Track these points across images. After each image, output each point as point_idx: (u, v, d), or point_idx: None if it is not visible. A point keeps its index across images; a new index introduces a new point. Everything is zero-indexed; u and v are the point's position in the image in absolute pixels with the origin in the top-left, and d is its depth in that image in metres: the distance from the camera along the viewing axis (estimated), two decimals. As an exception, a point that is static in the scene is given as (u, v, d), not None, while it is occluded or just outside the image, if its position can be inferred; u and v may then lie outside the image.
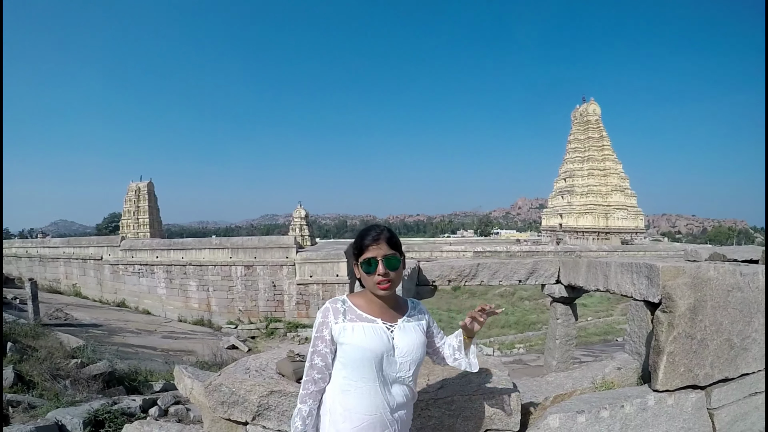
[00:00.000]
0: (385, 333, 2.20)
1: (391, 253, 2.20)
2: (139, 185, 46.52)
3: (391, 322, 2.26)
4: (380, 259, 2.17)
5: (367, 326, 2.19)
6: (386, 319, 2.26)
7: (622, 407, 3.22)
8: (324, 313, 2.24)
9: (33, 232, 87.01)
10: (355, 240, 2.30)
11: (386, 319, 2.26)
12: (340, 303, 2.27)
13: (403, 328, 2.26)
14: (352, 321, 2.21)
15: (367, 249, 2.20)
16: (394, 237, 2.28)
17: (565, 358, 6.29)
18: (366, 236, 2.24)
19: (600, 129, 46.13)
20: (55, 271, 34.60)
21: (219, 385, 3.13)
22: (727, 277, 3.43)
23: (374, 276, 2.18)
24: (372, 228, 2.29)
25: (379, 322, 2.22)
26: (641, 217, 46.92)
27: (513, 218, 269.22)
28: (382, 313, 2.27)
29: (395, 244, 2.25)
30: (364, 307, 2.27)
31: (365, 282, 2.25)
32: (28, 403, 6.14)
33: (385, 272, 2.17)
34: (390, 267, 2.19)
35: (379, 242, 2.20)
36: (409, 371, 2.25)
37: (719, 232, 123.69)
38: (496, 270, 5.90)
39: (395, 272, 2.21)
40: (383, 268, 2.17)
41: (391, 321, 2.27)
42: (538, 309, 26.36)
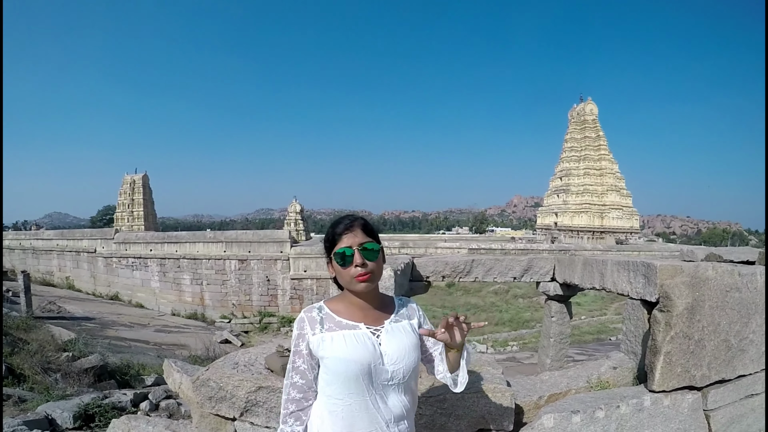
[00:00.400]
0: (370, 339, 1.95)
1: (367, 241, 1.96)
2: (133, 178, 46.43)
3: (376, 326, 2.01)
4: (356, 248, 1.93)
5: (348, 334, 1.94)
6: (370, 323, 2.01)
7: (617, 408, 3.17)
8: (299, 324, 2.00)
9: (27, 224, 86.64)
10: (326, 233, 2.06)
11: (370, 322, 2.01)
12: (316, 311, 2.02)
13: (390, 330, 2.01)
14: (331, 330, 1.95)
15: (340, 239, 1.96)
16: (369, 225, 2.05)
17: (560, 356, 6.26)
18: (338, 225, 2.01)
19: (597, 128, 46.14)
20: (49, 263, 34.49)
21: (206, 380, 3.07)
22: (725, 277, 3.38)
23: (350, 268, 1.92)
24: (344, 217, 2.06)
25: (362, 327, 1.98)
26: (636, 218, 46.98)
27: (508, 216, 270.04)
28: (364, 317, 2.01)
29: (371, 232, 2.02)
30: (343, 313, 2.01)
31: (341, 279, 1.99)
32: (18, 397, 6.10)
33: (362, 261, 1.91)
34: (368, 257, 1.94)
35: (353, 229, 1.97)
36: (403, 379, 1.99)
37: (713, 233, 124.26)
38: (490, 266, 5.86)
39: (374, 263, 1.96)
40: (360, 258, 1.92)
41: (376, 324, 2.02)
42: (532, 307, 26.35)
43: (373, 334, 1.97)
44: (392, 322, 2.05)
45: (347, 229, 1.97)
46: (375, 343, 1.94)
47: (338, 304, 2.04)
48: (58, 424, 5.33)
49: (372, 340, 1.95)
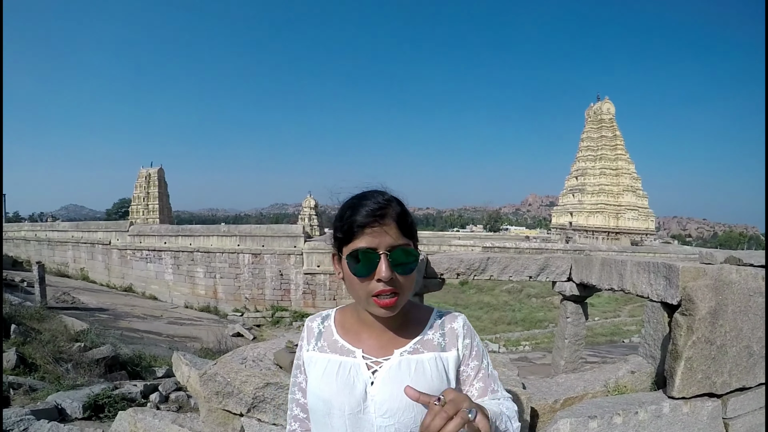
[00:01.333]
0: (360, 375, 1.35)
1: (402, 244, 1.27)
2: (149, 171, 46.76)
3: (380, 356, 1.38)
4: (383, 253, 1.24)
5: (334, 362, 1.39)
6: (372, 350, 1.39)
7: (636, 414, 3.09)
8: (302, 333, 1.54)
9: (43, 215, 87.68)
10: (338, 215, 1.35)
11: (372, 349, 1.39)
12: (319, 320, 1.52)
13: (396, 366, 1.35)
14: (322, 350, 1.44)
15: (360, 234, 1.26)
16: (407, 214, 1.34)
17: (574, 358, 6.16)
18: (359, 209, 1.28)
19: (613, 128, 45.79)
20: (64, 254, 34.80)
21: (214, 375, 3.03)
22: (749, 280, 3.29)
23: (369, 282, 1.26)
24: (369, 195, 1.33)
25: (358, 356, 1.39)
26: (652, 219, 46.60)
27: (523, 215, 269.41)
28: (369, 338, 1.41)
29: (409, 228, 1.32)
30: (346, 329, 1.46)
31: (352, 289, 1.32)
32: (29, 386, 6.11)
33: (389, 276, 1.23)
34: (400, 269, 1.26)
35: (383, 222, 1.26)
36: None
37: (730, 237, 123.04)
38: (506, 265, 5.77)
39: (406, 278, 1.29)
40: (388, 270, 1.23)
41: (381, 353, 1.38)
42: (545, 307, 26.20)
43: (369, 369, 1.36)
44: (407, 353, 1.37)
45: (375, 219, 1.26)
46: (365, 382, 1.34)
47: (346, 316, 1.51)
48: (67, 414, 5.33)
49: (362, 377, 1.35)
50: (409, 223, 1.34)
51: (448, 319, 1.47)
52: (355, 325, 1.45)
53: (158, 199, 46.19)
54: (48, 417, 4.95)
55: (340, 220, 1.33)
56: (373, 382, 1.34)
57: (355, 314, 1.46)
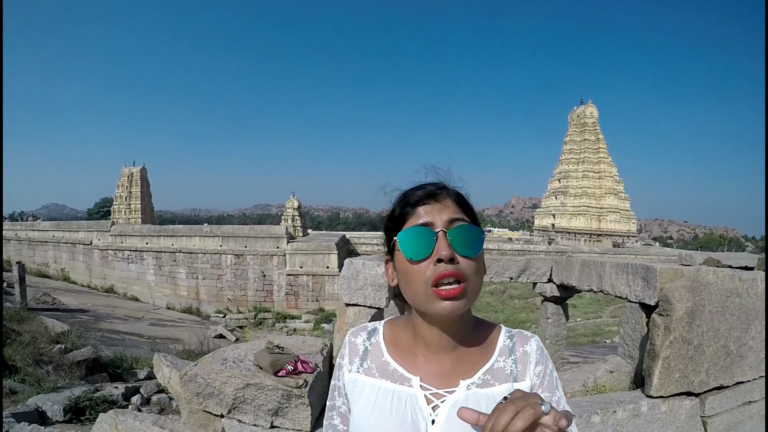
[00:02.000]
0: (418, 412, 1.07)
1: (461, 218, 1.07)
2: (132, 170, 46.33)
3: (442, 387, 1.10)
4: (441, 231, 1.03)
5: (386, 391, 1.12)
6: (432, 379, 1.11)
7: (614, 413, 3.12)
8: (342, 349, 1.26)
9: (24, 215, 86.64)
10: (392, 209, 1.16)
11: (433, 378, 1.12)
12: (365, 335, 1.24)
13: (463, 402, 1.07)
14: (369, 374, 1.17)
15: (414, 212, 1.08)
16: (467, 198, 1.15)
17: (555, 358, 6.20)
18: (413, 191, 1.12)
19: (596, 131, 46.21)
20: (44, 255, 34.43)
21: (195, 376, 3.02)
22: (726, 281, 3.34)
23: (426, 265, 1.02)
24: (425, 183, 1.15)
25: (415, 385, 1.11)
26: (634, 221, 47.08)
27: (506, 216, 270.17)
28: (428, 363, 1.13)
29: (470, 210, 1.13)
30: (400, 347, 1.19)
31: (408, 287, 1.07)
32: (9, 389, 6.07)
33: (450, 254, 1.00)
34: (461, 248, 1.02)
35: (438, 199, 1.09)
36: None
37: (710, 239, 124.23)
38: (487, 266, 5.80)
39: (472, 263, 1.04)
40: (447, 247, 1.01)
41: (443, 383, 1.11)
42: (528, 308, 26.33)
43: (428, 403, 1.09)
44: (475, 386, 1.10)
45: (429, 197, 1.09)
46: (425, 421, 1.07)
47: (398, 331, 1.22)
48: (48, 417, 5.30)
49: (421, 413, 1.08)
50: (470, 205, 1.14)
51: (520, 340, 1.19)
52: (409, 344, 1.17)
53: (140, 198, 45.79)
54: (28, 420, 4.92)
55: (391, 211, 1.15)
56: (434, 421, 1.06)
57: (409, 330, 1.18)
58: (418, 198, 1.08)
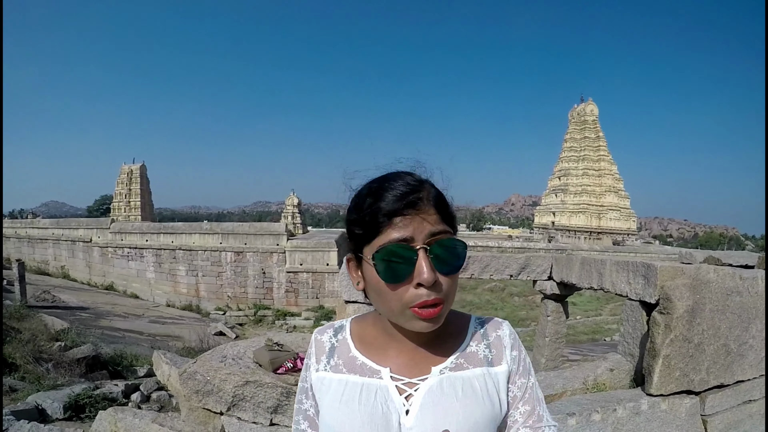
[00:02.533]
0: (390, 403, 1.03)
1: (443, 231, 0.95)
2: (131, 168, 46.37)
3: (413, 375, 1.06)
4: (422, 247, 0.92)
5: (354, 384, 1.07)
6: (403, 370, 1.07)
7: (614, 411, 3.11)
8: (308, 348, 1.19)
9: (23, 212, 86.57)
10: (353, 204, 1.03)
11: (403, 368, 1.07)
12: (330, 333, 1.18)
13: (436, 389, 1.03)
14: (337, 370, 1.11)
15: (388, 223, 0.93)
16: (446, 198, 1.02)
17: (555, 356, 6.20)
18: (386, 191, 0.95)
19: (597, 129, 46.17)
20: (44, 252, 34.45)
21: (194, 373, 3.01)
22: (726, 280, 3.33)
23: (405, 288, 0.93)
24: (394, 176, 1.00)
25: (385, 376, 1.06)
26: (633, 219, 47.03)
27: (506, 214, 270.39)
28: (398, 355, 1.09)
29: (451, 216, 1.01)
30: (367, 342, 1.14)
31: (382, 300, 0.99)
32: (9, 386, 6.07)
33: (432, 279, 0.91)
34: (444, 267, 0.94)
35: (419, 207, 0.94)
36: None
37: (710, 237, 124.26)
38: (487, 263, 5.79)
39: (452, 279, 0.97)
40: (430, 271, 0.91)
41: (415, 372, 1.06)
42: (527, 305, 26.35)
43: (401, 393, 1.04)
44: (448, 370, 1.07)
45: (408, 206, 0.93)
46: (397, 411, 1.02)
47: (365, 327, 1.17)
48: (48, 415, 5.29)
49: (393, 404, 1.03)
50: (451, 210, 1.02)
51: (491, 326, 1.15)
52: (378, 339, 1.12)
53: (140, 196, 45.84)
54: (28, 417, 4.91)
55: (357, 211, 0.99)
56: (408, 411, 1.01)
57: (378, 325, 1.13)
58: (393, 207, 0.92)
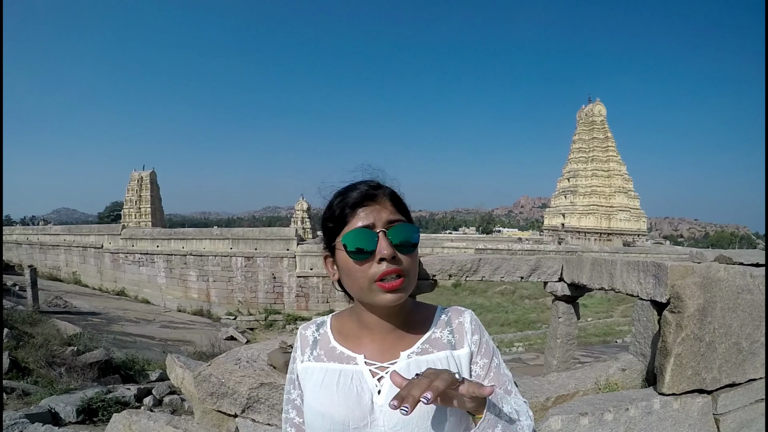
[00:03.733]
0: (363, 384, 1.20)
1: (398, 219, 1.18)
2: (141, 174, 46.61)
3: (384, 360, 1.23)
4: (380, 231, 1.14)
5: (332, 371, 1.23)
6: (375, 355, 1.24)
7: (626, 410, 3.11)
8: (294, 344, 1.38)
9: (35, 219, 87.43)
10: (327, 206, 1.26)
11: (375, 354, 1.24)
12: (313, 328, 1.37)
13: (404, 371, 1.16)
14: (319, 359, 1.28)
15: (353, 215, 1.17)
16: (399, 195, 1.26)
17: (566, 357, 6.19)
18: (349, 192, 1.21)
19: (605, 130, 45.95)
20: (56, 258, 34.69)
21: (208, 376, 3.04)
22: (737, 278, 3.32)
23: (369, 265, 1.14)
24: (358, 183, 1.24)
25: (359, 362, 1.23)
26: (644, 220, 46.78)
27: (515, 216, 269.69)
28: (371, 343, 1.26)
29: (404, 207, 1.25)
30: (345, 333, 1.31)
31: (352, 284, 1.20)
32: (22, 390, 6.12)
33: (392, 252, 1.12)
34: (402, 246, 1.15)
35: (376, 200, 1.19)
36: None
37: (721, 236, 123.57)
38: (498, 266, 5.79)
39: (409, 258, 1.17)
40: (389, 246, 1.12)
41: (386, 357, 1.24)
42: (538, 308, 26.25)
43: (374, 376, 1.21)
44: (415, 354, 1.23)
45: (367, 199, 1.18)
46: (370, 392, 1.19)
47: (343, 321, 1.36)
48: (61, 418, 5.34)
49: (367, 385, 1.19)
50: (404, 203, 1.25)
51: (454, 314, 1.33)
52: (354, 330, 1.29)
53: (150, 202, 46.06)
54: (42, 421, 4.96)
55: (329, 210, 1.24)
56: (380, 391, 1.18)
57: (353, 318, 1.31)
58: (357, 200, 1.18)
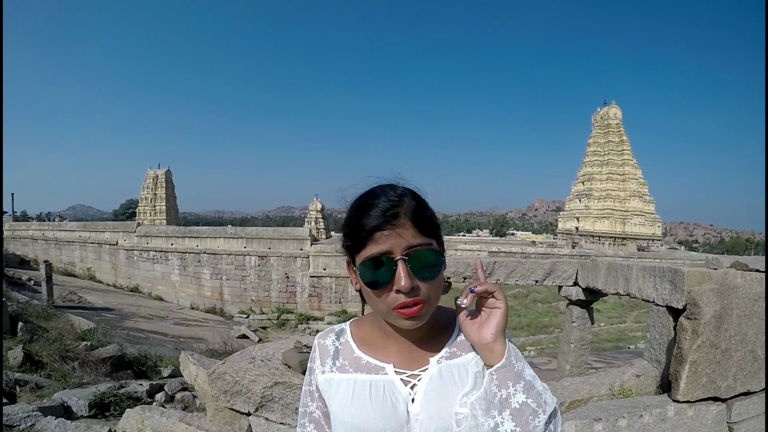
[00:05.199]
0: (397, 394, 1.14)
1: (422, 244, 1.07)
2: (157, 173, 46.88)
3: (415, 368, 1.17)
4: (400, 258, 1.04)
5: (362, 382, 1.17)
6: (404, 364, 1.18)
7: (640, 417, 3.10)
8: (311, 353, 1.29)
9: (51, 215, 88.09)
10: (345, 217, 1.15)
11: (404, 362, 1.19)
12: (332, 337, 1.28)
13: (437, 378, 1.15)
14: (343, 370, 1.20)
15: (370, 238, 1.06)
16: (425, 208, 1.13)
17: (579, 362, 6.16)
18: (369, 209, 1.08)
19: (620, 133, 45.58)
20: (71, 254, 35.00)
21: (223, 374, 3.05)
22: (754, 285, 3.29)
23: (388, 293, 1.06)
24: (379, 192, 1.11)
25: (389, 371, 1.17)
26: (659, 224, 46.37)
27: (529, 219, 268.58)
28: (398, 352, 1.20)
29: (428, 225, 1.10)
30: (368, 343, 1.24)
31: (371, 301, 1.13)
32: (35, 383, 6.16)
33: (409, 285, 1.03)
34: (422, 274, 1.06)
35: (396, 222, 1.05)
36: None
37: (737, 242, 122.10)
38: (512, 269, 5.78)
39: (432, 284, 1.09)
40: (407, 278, 1.03)
41: (415, 365, 1.18)
42: (551, 312, 26.10)
43: (406, 385, 1.16)
44: (444, 359, 1.18)
45: (386, 221, 1.05)
46: (404, 401, 1.13)
47: (364, 329, 1.28)
48: (73, 412, 5.37)
49: (400, 394, 1.14)
50: (428, 218, 1.11)
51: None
52: (378, 338, 1.23)
53: (165, 200, 46.30)
54: (54, 414, 5.00)
55: (347, 225, 1.12)
56: (413, 399, 1.13)
57: (375, 326, 1.24)
58: (374, 225, 1.05)
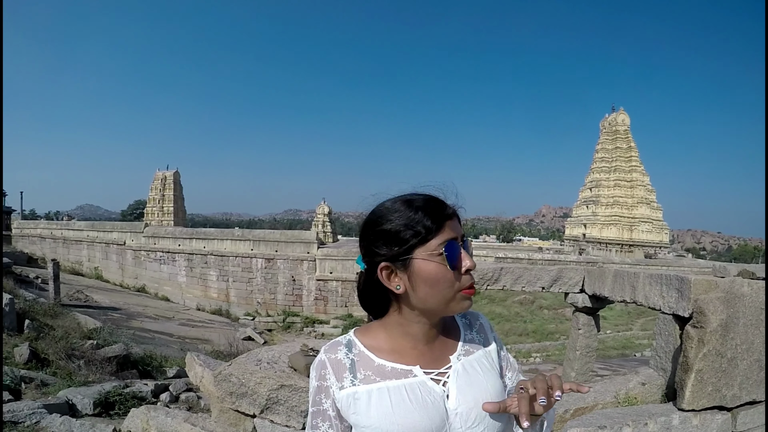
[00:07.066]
0: (433, 392, 1.17)
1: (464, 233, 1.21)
2: (165, 174, 47.08)
3: (439, 366, 1.22)
4: (461, 244, 1.16)
5: (396, 388, 1.16)
6: (429, 364, 1.22)
7: (645, 425, 3.09)
8: (318, 371, 1.22)
9: (59, 214, 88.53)
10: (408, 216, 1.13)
11: (428, 362, 1.22)
12: (343, 350, 1.23)
13: (463, 372, 1.22)
14: (369, 381, 1.17)
15: (442, 228, 1.13)
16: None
17: (585, 370, 6.14)
18: (436, 207, 1.16)
19: (628, 139, 45.44)
20: (78, 253, 35.18)
21: (229, 375, 3.07)
22: (761, 294, 3.29)
23: (459, 276, 1.14)
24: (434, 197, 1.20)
25: (417, 373, 1.19)
26: (666, 232, 46.17)
27: (536, 225, 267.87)
28: (420, 355, 1.23)
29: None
30: (386, 351, 1.23)
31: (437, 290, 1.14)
32: (41, 381, 6.19)
33: (475, 265, 1.17)
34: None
35: (455, 216, 1.19)
36: None
37: (745, 250, 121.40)
38: (519, 275, 5.77)
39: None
40: (472, 259, 1.17)
41: (438, 364, 1.23)
42: (557, 319, 26.01)
43: (437, 383, 1.19)
44: (462, 356, 1.26)
45: (453, 214, 1.18)
46: (441, 398, 1.17)
47: (376, 337, 1.26)
48: (78, 410, 5.39)
49: (436, 393, 1.17)
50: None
51: (471, 317, 1.40)
52: (394, 345, 1.23)
53: (173, 201, 46.50)
54: (59, 411, 5.02)
55: (408, 220, 1.13)
56: (448, 396, 1.17)
57: (386, 333, 1.25)
58: (447, 214, 1.16)
